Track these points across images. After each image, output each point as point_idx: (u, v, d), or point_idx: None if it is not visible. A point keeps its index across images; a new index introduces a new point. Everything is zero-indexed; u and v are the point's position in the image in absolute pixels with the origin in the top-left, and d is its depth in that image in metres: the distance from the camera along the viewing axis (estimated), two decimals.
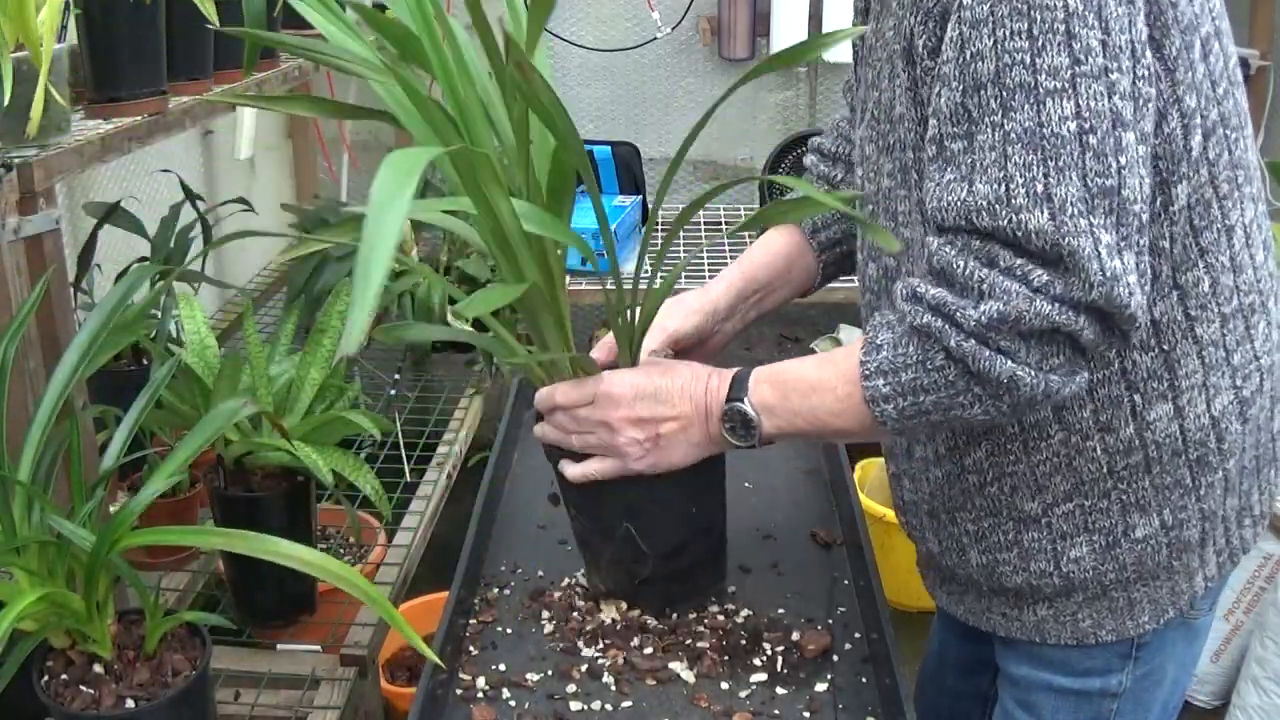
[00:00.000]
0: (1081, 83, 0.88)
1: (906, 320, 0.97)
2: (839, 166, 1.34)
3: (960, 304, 0.92)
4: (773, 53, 3.14)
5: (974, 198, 0.91)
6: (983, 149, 0.91)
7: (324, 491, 1.45)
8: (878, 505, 2.54)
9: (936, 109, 0.94)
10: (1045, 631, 1.16)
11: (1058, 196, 0.88)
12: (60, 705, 1.07)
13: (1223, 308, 1.04)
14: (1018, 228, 0.89)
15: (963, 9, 0.91)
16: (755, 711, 1.09)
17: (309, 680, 1.49)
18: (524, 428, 1.62)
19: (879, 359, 0.98)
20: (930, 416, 0.98)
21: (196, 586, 1.72)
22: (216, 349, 1.48)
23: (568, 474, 1.15)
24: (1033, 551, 1.12)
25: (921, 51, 0.97)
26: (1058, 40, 0.88)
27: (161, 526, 1.24)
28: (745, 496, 1.34)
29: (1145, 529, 1.09)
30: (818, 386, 1.03)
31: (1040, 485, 1.09)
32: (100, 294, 1.67)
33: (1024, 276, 0.90)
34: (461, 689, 1.12)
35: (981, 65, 0.90)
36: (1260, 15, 2.89)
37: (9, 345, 1.11)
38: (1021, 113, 0.89)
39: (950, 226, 0.94)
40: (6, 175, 1.19)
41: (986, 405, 0.95)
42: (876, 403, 0.99)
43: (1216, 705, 2.39)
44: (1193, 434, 1.06)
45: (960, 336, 0.93)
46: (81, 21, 1.39)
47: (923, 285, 0.96)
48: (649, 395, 1.09)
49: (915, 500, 1.21)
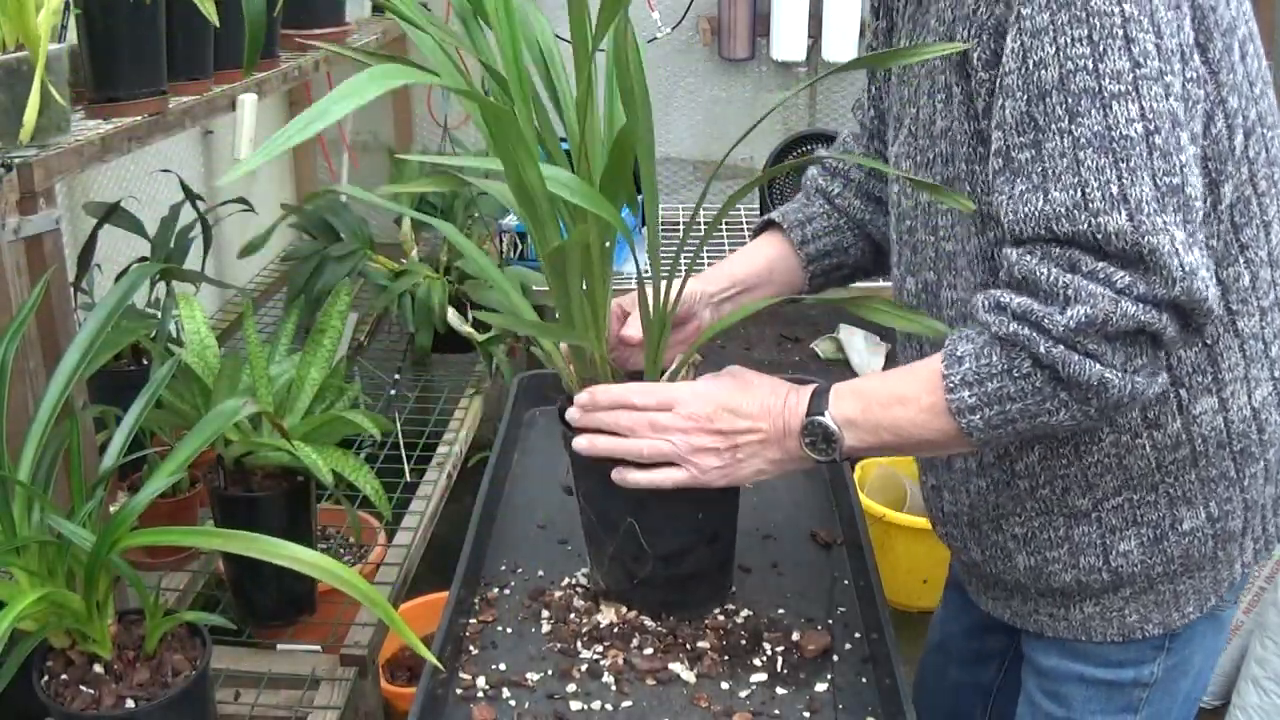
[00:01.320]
0: (1143, 85, 0.90)
1: (990, 330, 0.98)
2: (837, 181, 1.36)
3: (1047, 310, 0.94)
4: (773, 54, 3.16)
5: (1051, 205, 0.93)
6: (1053, 156, 0.93)
7: (324, 491, 1.45)
8: (878, 505, 2.54)
9: (1000, 121, 0.96)
10: (1091, 629, 1.17)
11: (1133, 197, 0.90)
12: (60, 705, 1.07)
13: (1261, 301, 1.07)
14: (1097, 231, 0.91)
15: (1022, 20, 0.93)
16: (755, 711, 1.09)
17: (309, 680, 1.49)
18: (524, 428, 1.62)
19: (963, 370, 0.99)
20: (1017, 425, 0.98)
21: (196, 586, 1.72)
22: (216, 349, 1.48)
23: (632, 479, 1.11)
24: (1082, 546, 1.13)
25: (976, 64, 0.99)
26: (1118, 45, 0.90)
27: (161, 526, 1.24)
28: (745, 496, 1.34)
29: (1192, 521, 1.11)
30: (901, 399, 1.03)
31: (1091, 484, 1.10)
32: (100, 294, 1.67)
33: (1107, 279, 0.91)
34: (461, 689, 1.12)
35: (1045, 73, 0.92)
36: (1260, 15, 2.88)
37: (9, 345, 1.11)
38: (1089, 117, 0.91)
39: (1030, 237, 0.95)
40: (6, 175, 1.19)
41: (1074, 410, 0.96)
42: (963, 414, 0.99)
43: (1216, 705, 2.38)
44: (1236, 426, 1.08)
45: (1049, 343, 0.94)
46: (81, 21, 1.39)
47: (1006, 295, 0.97)
48: (730, 408, 1.08)
49: (955, 512, 1.22)
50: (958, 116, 1.03)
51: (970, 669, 1.48)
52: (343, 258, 2.22)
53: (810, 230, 1.33)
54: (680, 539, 1.18)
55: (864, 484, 2.69)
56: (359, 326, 2.59)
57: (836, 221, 1.34)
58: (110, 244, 1.95)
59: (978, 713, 1.50)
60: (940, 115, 1.05)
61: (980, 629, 1.44)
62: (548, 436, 1.58)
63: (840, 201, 1.34)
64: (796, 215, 1.35)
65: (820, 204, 1.36)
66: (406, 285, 2.24)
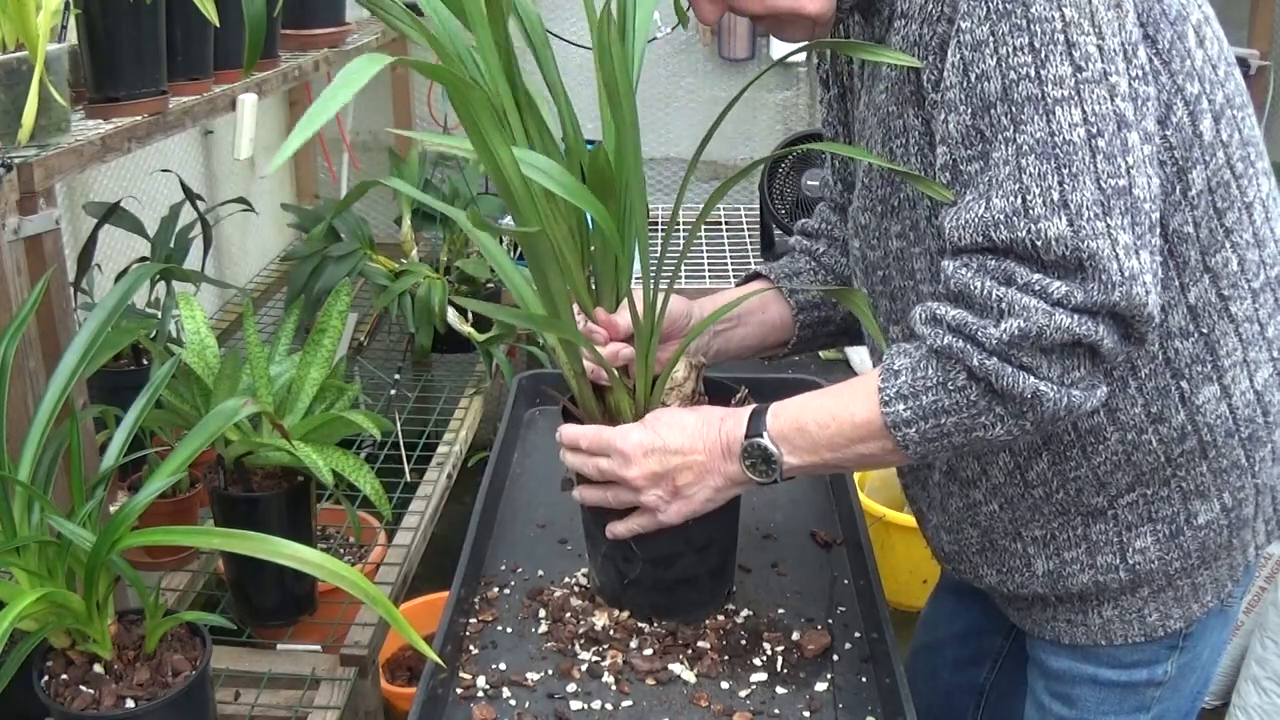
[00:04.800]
0: (1085, 89, 0.90)
1: (926, 343, 0.98)
2: (821, 241, 1.36)
3: (981, 323, 0.93)
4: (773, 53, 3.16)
5: (990, 212, 0.92)
6: (997, 165, 0.92)
7: (324, 491, 1.45)
8: (878, 505, 2.54)
9: (945, 135, 0.96)
10: (1112, 633, 1.17)
11: (1074, 202, 0.89)
12: (60, 705, 1.07)
13: (1252, 283, 1.06)
14: (1036, 237, 0.90)
15: (961, 34, 0.93)
16: (755, 711, 1.09)
17: (309, 680, 1.49)
18: (524, 428, 1.62)
19: (898, 384, 0.99)
20: (952, 439, 0.98)
21: (196, 586, 1.72)
22: (216, 349, 1.48)
23: (615, 532, 1.15)
24: (1100, 545, 1.13)
25: (928, 86, 0.99)
26: (1059, 50, 0.90)
27: (161, 526, 1.23)
28: (745, 497, 1.33)
29: (1208, 514, 1.11)
30: (836, 415, 1.03)
31: (1103, 482, 1.10)
32: (100, 294, 1.67)
33: (1042, 291, 0.91)
34: (461, 688, 1.12)
35: (988, 85, 0.92)
36: (1260, 15, 2.89)
37: (9, 345, 1.11)
38: (1032, 124, 0.90)
39: (967, 246, 0.95)
40: (6, 175, 1.19)
41: (1009, 425, 0.96)
42: (898, 427, 0.99)
43: (1216, 705, 2.38)
44: (1241, 411, 1.08)
45: (983, 355, 0.93)
46: (81, 21, 1.38)
47: (941, 308, 0.97)
48: (657, 449, 1.09)
49: (958, 550, 1.23)
50: (915, 156, 1.03)
51: (964, 670, 1.48)
52: (343, 258, 2.22)
53: (799, 283, 1.33)
54: (670, 544, 1.17)
55: (864, 484, 2.69)
56: (359, 326, 2.59)
57: (822, 278, 1.34)
58: (110, 244, 1.95)
59: (970, 712, 1.50)
60: (900, 161, 1.05)
61: (975, 632, 1.44)
62: (548, 436, 1.58)
63: (826, 259, 1.35)
64: (783, 269, 1.35)
65: (806, 262, 1.36)
66: (406, 285, 2.24)
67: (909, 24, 1.00)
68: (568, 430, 1.14)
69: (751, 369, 1.38)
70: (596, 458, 1.11)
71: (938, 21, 0.97)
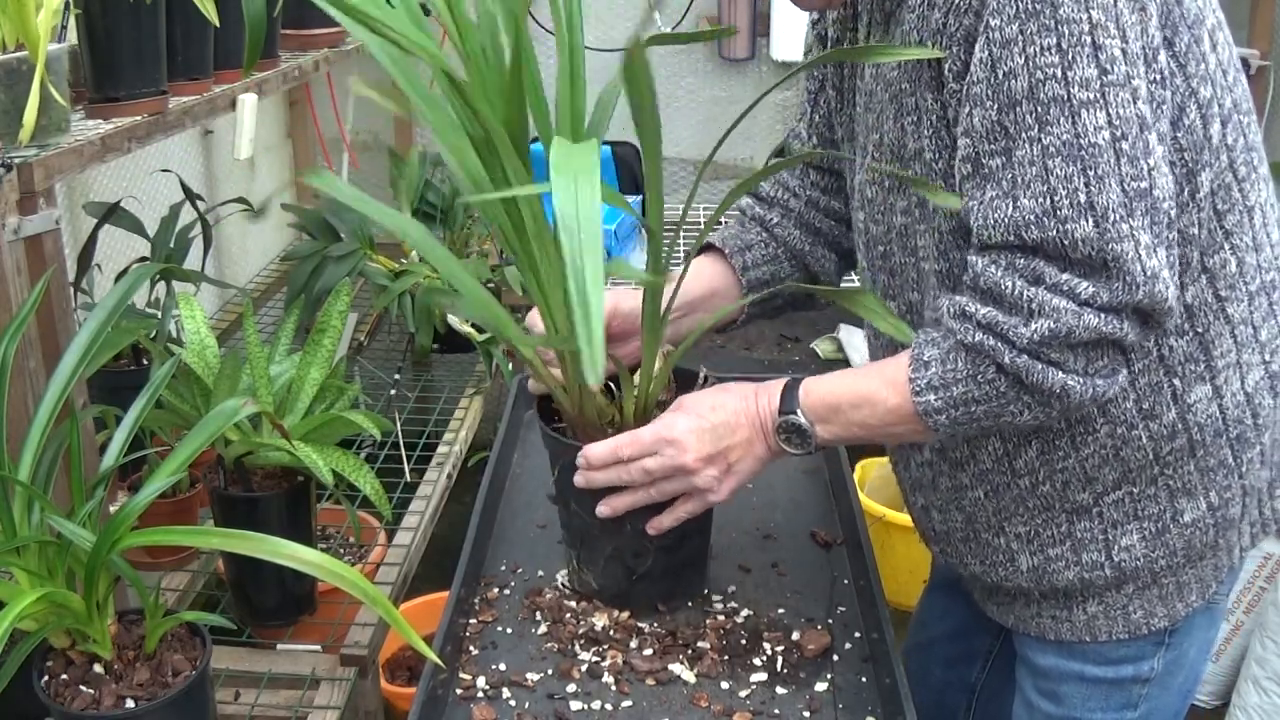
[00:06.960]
0: (1110, 91, 0.92)
1: (955, 337, 1.01)
2: (775, 210, 1.36)
3: (1011, 322, 0.97)
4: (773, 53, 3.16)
5: (1020, 213, 0.95)
6: (1023, 164, 0.94)
7: (324, 491, 1.45)
8: (878, 505, 2.54)
9: (969, 128, 0.97)
10: (1096, 629, 1.18)
11: (1100, 205, 0.92)
12: (60, 705, 1.07)
13: (1249, 286, 1.08)
14: (1064, 238, 0.93)
15: (991, 30, 0.94)
16: (755, 711, 1.09)
17: (309, 680, 1.49)
18: (524, 428, 1.62)
19: (928, 375, 1.02)
20: (981, 423, 1.02)
21: (196, 586, 1.72)
22: (216, 349, 1.48)
23: (665, 524, 1.15)
24: (1085, 542, 1.14)
25: (948, 76, 1.00)
26: (1086, 53, 0.91)
27: (161, 526, 1.23)
28: (745, 496, 1.34)
29: (1193, 513, 1.12)
30: (869, 399, 1.07)
31: (1090, 477, 1.11)
32: (100, 294, 1.67)
33: (1070, 291, 0.94)
34: (461, 689, 1.12)
35: (1015, 83, 0.93)
36: (1260, 15, 2.89)
37: (9, 345, 1.11)
38: (1058, 126, 0.92)
39: (996, 243, 0.97)
40: (6, 175, 1.19)
41: (1036, 412, 1.00)
42: (929, 414, 1.03)
43: (1216, 705, 2.39)
44: (1231, 412, 1.09)
45: (1013, 353, 0.97)
46: (81, 21, 1.39)
47: (971, 304, 0.99)
48: (708, 431, 1.11)
49: (947, 530, 1.23)
50: (929, 137, 1.04)
51: (956, 668, 1.49)
52: (343, 258, 2.21)
53: (749, 258, 1.33)
54: (680, 527, 1.18)
55: (864, 484, 2.69)
56: (359, 326, 2.59)
57: (774, 251, 1.34)
58: (110, 244, 1.95)
59: (962, 711, 1.51)
60: (911, 138, 1.06)
61: (966, 630, 1.45)
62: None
63: (779, 231, 1.34)
64: (736, 241, 1.34)
65: (757, 231, 1.35)
66: (406, 285, 2.24)
67: (933, 11, 1.00)
68: (597, 449, 1.12)
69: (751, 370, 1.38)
70: (641, 460, 1.11)
71: (964, 14, 0.97)
